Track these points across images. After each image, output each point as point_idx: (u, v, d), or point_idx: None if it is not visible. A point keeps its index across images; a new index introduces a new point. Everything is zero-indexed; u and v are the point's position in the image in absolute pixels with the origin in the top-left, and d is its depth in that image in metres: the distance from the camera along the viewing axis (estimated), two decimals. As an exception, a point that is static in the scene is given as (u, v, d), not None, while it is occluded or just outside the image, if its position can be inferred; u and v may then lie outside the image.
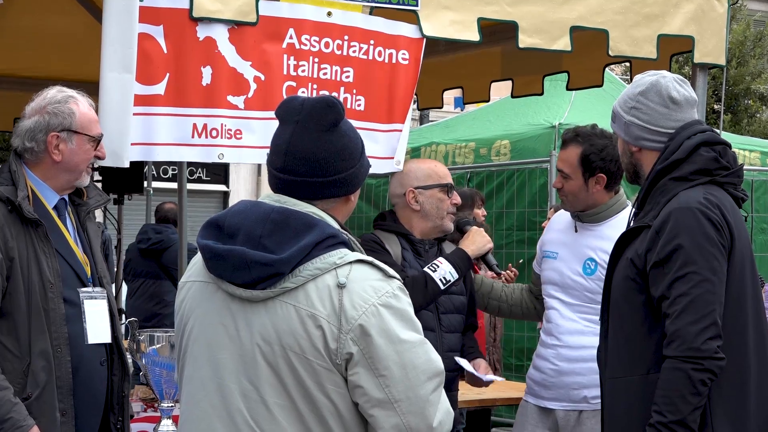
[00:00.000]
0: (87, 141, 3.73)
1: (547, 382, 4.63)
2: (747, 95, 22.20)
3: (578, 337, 4.55)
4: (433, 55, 5.05)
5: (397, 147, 4.62)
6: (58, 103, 3.72)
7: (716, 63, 5.26)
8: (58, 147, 3.70)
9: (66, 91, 3.78)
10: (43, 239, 3.65)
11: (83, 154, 3.73)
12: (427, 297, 4.32)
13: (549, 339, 4.66)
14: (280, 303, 2.52)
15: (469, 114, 12.29)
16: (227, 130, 4.23)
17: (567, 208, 4.66)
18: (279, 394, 2.52)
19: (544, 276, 4.73)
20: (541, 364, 4.68)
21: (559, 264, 4.65)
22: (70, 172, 3.74)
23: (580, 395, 4.54)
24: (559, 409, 4.59)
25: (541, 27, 4.75)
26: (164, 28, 4.09)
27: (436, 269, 4.36)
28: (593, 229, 4.60)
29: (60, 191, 3.77)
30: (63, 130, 3.69)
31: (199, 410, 2.61)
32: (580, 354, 4.52)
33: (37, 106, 3.74)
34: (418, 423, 2.54)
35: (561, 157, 4.61)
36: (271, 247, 2.52)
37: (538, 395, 4.68)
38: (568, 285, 4.58)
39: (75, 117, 3.70)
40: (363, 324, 2.50)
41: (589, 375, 4.46)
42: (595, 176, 4.52)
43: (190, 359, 2.66)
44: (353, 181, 2.67)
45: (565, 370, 4.57)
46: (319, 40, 4.41)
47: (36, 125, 3.70)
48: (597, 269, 4.51)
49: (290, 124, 2.63)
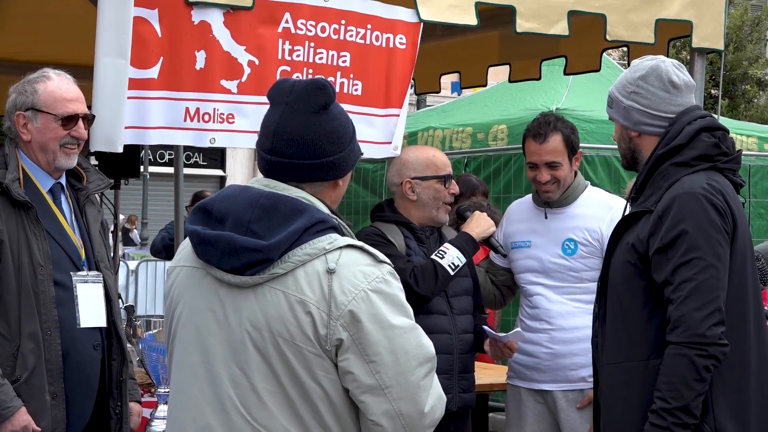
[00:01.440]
0: (52, 120, 3.70)
1: (541, 365, 4.65)
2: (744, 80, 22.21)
3: (570, 318, 4.59)
4: (430, 39, 5.03)
5: (394, 132, 4.61)
6: (27, 82, 3.71)
7: (714, 48, 5.24)
8: (26, 126, 3.69)
9: (45, 72, 3.76)
10: (34, 222, 3.63)
11: (50, 132, 3.70)
12: (439, 284, 4.32)
13: (536, 323, 4.67)
14: (269, 289, 2.51)
15: (467, 99, 12.26)
16: (219, 115, 4.21)
17: (553, 197, 4.65)
18: (269, 381, 2.50)
19: (518, 265, 4.76)
20: (531, 348, 4.67)
21: (535, 251, 4.68)
22: (43, 151, 3.71)
23: (579, 375, 4.58)
24: (557, 391, 4.62)
25: (538, 11, 4.74)
26: (159, 11, 4.07)
27: (444, 255, 4.35)
28: (563, 212, 4.66)
29: (51, 173, 3.75)
30: (27, 109, 3.68)
31: (189, 396, 2.59)
32: (575, 335, 4.56)
33: (14, 86, 3.74)
34: (409, 409, 2.53)
35: (546, 149, 4.60)
36: (260, 233, 2.50)
37: (530, 378, 4.69)
38: (550, 269, 4.62)
39: (38, 95, 3.68)
40: (353, 309, 2.48)
41: (586, 355, 4.47)
42: (576, 154, 4.65)
43: (179, 345, 2.65)
44: (342, 166, 2.64)
45: (561, 353, 4.60)
46: (316, 24, 4.39)
47: (9, 105, 3.71)
48: (577, 248, 4.57)
49: (280, 105, 2.61)
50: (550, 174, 4.60)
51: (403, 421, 2.53)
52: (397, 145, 4.63)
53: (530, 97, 9.94)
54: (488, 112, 10.42)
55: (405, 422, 2.53)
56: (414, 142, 10.50)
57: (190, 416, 2.58)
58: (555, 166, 4.59)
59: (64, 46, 6.65)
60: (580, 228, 4.53)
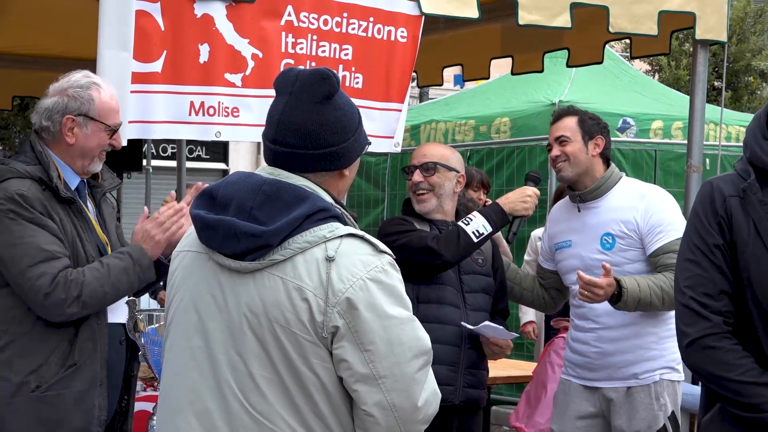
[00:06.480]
0: (103, 129, 3.75)
1: (592, 365, 4.65)
2: (747, 72, 22.15)
3: (616, 317, 4.55)
4: (432, 32, 5.03)
5: (396, 128, 4.61)
6: (80, 87, 3.74)
7: (717, 39, 5.23)
8: (72, 130, 3.72)
9: (91, 77, 3.79)
10: (78, 216, 3.71)
11: (97, 140, 3.75)
12: (461, 249, 4.31)
13: (585, 323, 4.67)
14: (267, 275, 2.51)
15: (469, 91, 12.26)
16: (224, 108, 4.22)
17: (566, 175, 4.64)
18: (265, 367, 2.51)
19: (563, 266, 4.74)
20: (581, 348, 4.69)
21: (576, 250, 4.66)
22: (82, 156, 3.76)
23: (628, 372, 4.58)
24: (606, 387, 4.63)
25: (541, 3, 4.73)
26: (162, 5, 4.07)
27: (470, 222, 4.36)
28: (597, 206, 4.63)
29: (80, 173, 3.80)
30: (79, 114, 3.71)
31: (187, 380, 2.60)
32: (622, 333, 4.56)
33: (59, 87, 3.76)
34: (402, 401, 2.52)
35: (558, 127, 4.66)
36: (261, 219, 2.51)
37: (582, 376, 4.71)
38: (591, 266, 4.55)
39: (94, 104, 3.72)
40: (350, 297, 2.48)
41: (635, 351, 4.55)
42: (594, 139, 4.62)
43: (178, 328, 2.65)
44: (346, 156, 2.64)
45: (609, 351, 4.60)
46: (318, 17, 4.39)
47: (54, 105, 3.72)
48: (615, 242, 4.55)
49: (284, 95, 2.62)
50: (560, 150, 4.61)
51: (396, 413, 2.53)
52: (399, 141, 4.65)
53: (533, 90, 9.93)
54: (491, 105, 10.41)
55: (397, 414, 2.53)
56: (417, 135, 10.50)
57: (188, 399, 2.59)
58: (564, 142, 4.60)
59: (67, 39, 6.66)
60: (616, 221, 4.50)
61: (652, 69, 22.60)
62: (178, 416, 2.60)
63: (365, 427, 2.55)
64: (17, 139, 17.41)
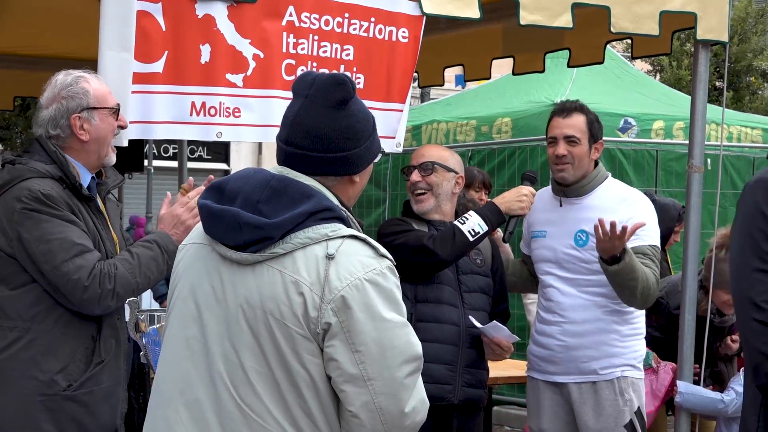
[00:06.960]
0: (108, 113, 3.78)
1: (554, 357, 4.69)
2: (749, 72, 22.15)
3: (581, 312, 4.62)
4: (434, 32, 5.02)
5: (397, 128, 4.62)
6: (70, 85, 3.76)
7: (719, 40, 5.23)
8: (83, 127, 3.75)
9: (72, 73, 3.82)
10: (96, 214, 3.75)
11: (107, 125, 3.79)
12: (456, 248, 4.33)
13: (550, 316, 4.71)
14: (267, 268, 2.53)
15: (470, 92, 12.26)
16: (225, 108, 4.22)
17: (567, 177, 4.67)
18: (257, 360, 2.52)
19: (536, 255, 4.80)
20: (544, 340, 4.72)
21: (549, 241, 4.71)
22: (98, 148, 3.79)
23: (590, 368, 4.62)
24: (570, 383, 4.66)
25: (542, 3, 4.72)
26: (163, 5, 4.07)
27: (465, 221, 4.38)
28: (579, 202, 4.68)
29: (91, 170, 3.83)
30: (83, 109, 3.74)
31: (180, 369, 2.62)
32: (586, 328, 4.60)
33: (51, 94, 3.78)
34: (389, 405, 2.53)
35: (568, 123, 4.67)
36: (266, 213, 2.53)
37: (545, 371, 4.74)
38: (562, 260, 4.64)
39: (90, 94, 3.75)
40: (345, 296, 2.49)
41: (598, 347, 4.59)
42: (597, 143, 4.68)
43: (176, 318, 2.67)
44: (356, 162, 2.66)
45: (573, 345, 4.64)
46: (319, 17, 4.39)
47: (56, 113, 3.75)
48: (589, 240, 4.58)
49: (300, 97, 2.66)
50: (567, 149, 4.63)
51: (382, 417, 2.53)
52: (400, 142, 4.66)
53: (534, 90, 9.94)
54: (492, 105, 10.42)
55: (383, 418, 2.53)
56: (418, 136, 10.50)
57: (179, 389, 2.60)
58: (573, 142, 4.63)
59: (68, 39, 6.66)
60: (593, 220, 4.51)
61: (654, 69, 22.60)
62: (169, 405, 2.62)
63: (350, 430, 2.56)
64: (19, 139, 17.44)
